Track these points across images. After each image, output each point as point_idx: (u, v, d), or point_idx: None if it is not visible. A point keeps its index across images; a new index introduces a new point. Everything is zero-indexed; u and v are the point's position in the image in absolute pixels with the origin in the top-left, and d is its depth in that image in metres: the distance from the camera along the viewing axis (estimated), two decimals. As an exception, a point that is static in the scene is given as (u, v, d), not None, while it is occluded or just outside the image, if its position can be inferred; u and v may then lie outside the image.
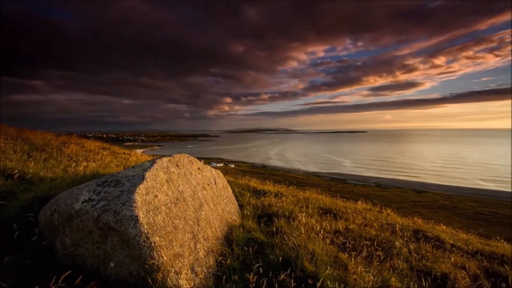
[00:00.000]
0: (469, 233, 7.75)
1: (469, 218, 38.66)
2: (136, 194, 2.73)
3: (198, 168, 5.11)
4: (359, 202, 8.42)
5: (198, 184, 4.49)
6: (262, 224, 4.48)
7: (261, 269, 2.85)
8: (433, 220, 8.55)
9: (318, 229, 4.02)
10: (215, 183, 5.39)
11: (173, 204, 3.15)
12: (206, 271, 2.91)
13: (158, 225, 2.67)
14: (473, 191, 62.47)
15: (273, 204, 5.89)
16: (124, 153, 9.47)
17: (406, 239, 5.02)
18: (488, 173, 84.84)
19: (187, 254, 2.84)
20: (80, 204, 2.71)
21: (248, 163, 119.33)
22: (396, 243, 4.43)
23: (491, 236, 8.05)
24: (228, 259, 3.17)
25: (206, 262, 3.04)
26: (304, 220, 4.45)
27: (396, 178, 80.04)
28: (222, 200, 5.01)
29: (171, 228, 2.83)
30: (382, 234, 4.78)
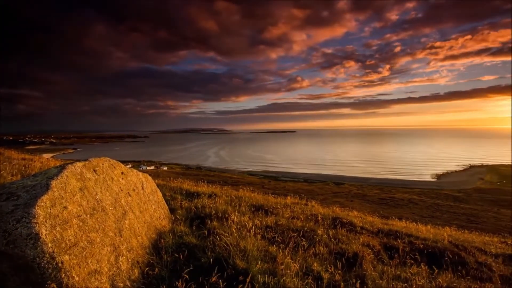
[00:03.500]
0: (374, 216, 9.28)
1: (375, 203, 46.26)
2: (36, 208, 2.29)
3: (122, 173, 4.63)
4: (289, 197, 9.08)
5: (122, 190, 4.06)
6: (195, 227, 4.38)
7: (192, 274, 2.78)
8: (348, 208, 9.90)
9: (250, 226, 4.17)
10: (143, 188, 4.98)
11: (88, 216, 2.77)
12: (130, 285, 2.67)
13: (68, 242, 2.31)
14: (378, 181, 74.94)
15: (206, 206, 5.81)
16: (24, 159, 7.80)
17: (326, 226, 5.68)
18: (391, 166, 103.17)
19: (106, 269, 2.55)
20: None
21: (182, 164, 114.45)
22: (318, 231, 4.97)
23: (389, 217, 9.85)
24: (156, 268, 2.98)
25: (130, 276, 2.79)
26: (236, 219, 4.55)
27: (321, 173, 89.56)
28: (150, 206, 4.67)
29: (86, 243, 2.49)
30: (307, 225, 5.28)
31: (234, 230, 3.90)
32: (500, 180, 72.50)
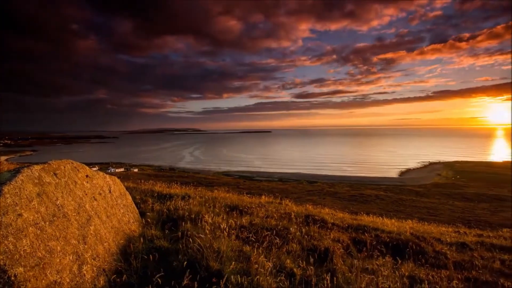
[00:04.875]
0: (345, 212, 9.71)
1: (345, 200, 48.33)
2: (-16, 217, 2.08)
3: (87, 176, 4.35)
4: (263, 197, 9.17)
5: (86, 194, 3.82)
6: (167, 230, 4.25)
7: (163, 279, 2.70)
8: (320, 205, 10.22)
9: (224, 226, 4.15)
10: (110, 192, 4.72)
11: (47, 223, 2.57)
12: (95, 294, 2.52)
13: (22, 252, 2.12)
14: (348, 178, 78.37)
15: (179, 208, 5.66)
16: (-30, 163, 7.01)
17: (299, 224, 5.82)
18: (361, 164, 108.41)
19: (68, 280, 2.38)
20: None
21: (154, 166, 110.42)
22: (291, 229, 5.08)
23: (358, 212, 10.37)
24: (125, 275, 2.84)
25: (95, 285, 2.63)
26: (210, 220, 4.50)
27: (295, 172, 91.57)
28: (118, 210, 4.45)
29: (44, 252, 2.30)
30: (281, 223, 5.38)
31: (208, 231, 3.86)
32: (455, 175, 79.57)
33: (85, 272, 2.63)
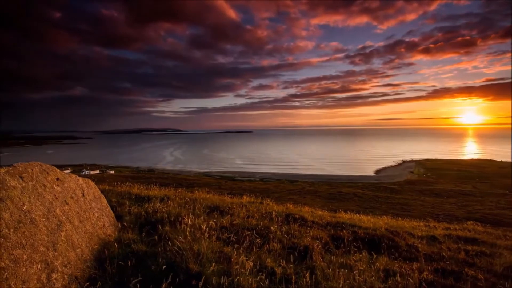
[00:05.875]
0: (324, 210, 9.95)
1: (325, 198, 49.55)
2: None
3: (57, 179, 4.12)
4: (245, 197, 9.17)
5: (57, 198, 3.62)
6: (145, 234, 4.13)
7: (141, 284, 2.62)
8: (301, 204, 10.40)
9: (204, 228, 4.10)
10: (83, 195, 4.50)
11: (11, 230, 2.40)
12: (67, 303, 2.39)
13: (-17, 262, 1.97)
14: (328, 177, 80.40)
15: (158, 210, 5.53)
16: None
17: (280, 223, 5.89)
18: (341, 163, 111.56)
19: (36, 290, 2.25)
20: None
21: (132, 167, 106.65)
22: (272, 228, 5.13)
23: (337, 210, 10.68)
24: (99, 282, 2.73)
25: (66, 293, 2.50)
26: (190, 222, 4.43)
27: (276, 172, 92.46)
28: (92, 214, 4.25)
29: (8, 262, 2.15)
30: (261, 223, 5.41)
31: (187, 233, 3.79)
32: (426, 172, 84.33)
33: (54, 280, 2.49)
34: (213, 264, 3.16)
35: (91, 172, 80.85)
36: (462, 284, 4.02)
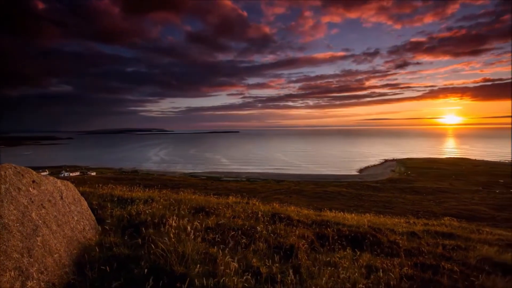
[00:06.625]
0: (309, 209, 10.09)
1: (311, 197, 50.31)
2: None
3: (33, 181, 3.93)
4: (231, 197, 9.13)
5: (33, 202, 3.45)
6: (127, 237, 4.02)
7: (122, 287, 2.55)
8: (287, 203, 10.50)
9: (189, 229, 4.05)
10: (62, 198, 4.32)
11: (-18, 236, 2.27)
12: (43, 311, 2.29)
13: (-51, 271, 1.84)
14: (313, 177, 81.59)
15: (141, 212, 5.39)
16: None
17: (266, 223, 5.91)
18: (326, 163, 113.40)
19: (9, 298, 2.13)
20: None
21: (114, 168, 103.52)
22: (258, 228, 5.13)
23: (322, 208, 10.87)
24: (78, 288, 2.63)
25: (43, 301, 2.39)
26: (175, 223, 4.35)
27: (263, 171, 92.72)
28: (71, 218, 4.09)
29: (-22, 269, 2.03)
30: (247, 223, 5.41)
31: (172, 235, 3.73)
32: (406, 171, 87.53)
33: (30, 288, 2.38)
34: (198, 265, 3.12)
35: (71, 174, 77.80)
36: (439, 277, 4.21)
